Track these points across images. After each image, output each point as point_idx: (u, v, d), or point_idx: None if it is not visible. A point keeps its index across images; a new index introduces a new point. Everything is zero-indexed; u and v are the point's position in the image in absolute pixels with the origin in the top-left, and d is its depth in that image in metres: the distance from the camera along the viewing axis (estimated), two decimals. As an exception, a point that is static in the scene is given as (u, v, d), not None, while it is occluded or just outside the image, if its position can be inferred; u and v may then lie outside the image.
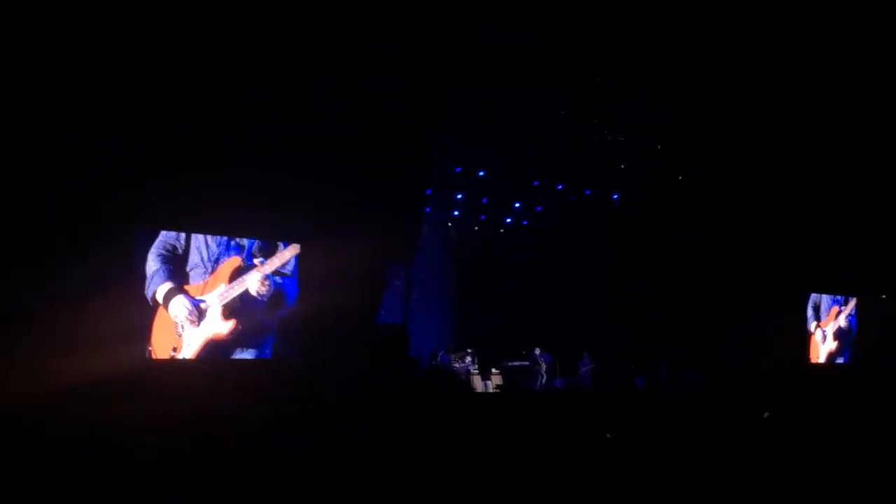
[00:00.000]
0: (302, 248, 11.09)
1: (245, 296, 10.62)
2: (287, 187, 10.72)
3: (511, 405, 12.23)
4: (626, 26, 11.84)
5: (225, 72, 9.83)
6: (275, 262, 10.90)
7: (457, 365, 17.42)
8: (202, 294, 10.29)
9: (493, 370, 17.39)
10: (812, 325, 16.64)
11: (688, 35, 12.00)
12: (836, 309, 17.01)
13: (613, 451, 8.85)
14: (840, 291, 16.89)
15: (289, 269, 11.06)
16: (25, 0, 8.38)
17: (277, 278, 10.89)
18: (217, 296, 10.39)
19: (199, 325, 10.21)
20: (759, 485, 7.57)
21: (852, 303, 17.27)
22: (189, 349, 10.16)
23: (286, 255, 11.02)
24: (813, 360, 16.53)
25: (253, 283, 10.63)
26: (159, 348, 9.91)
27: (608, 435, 9.40)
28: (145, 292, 9.79)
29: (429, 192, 16.83)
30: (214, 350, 10.34)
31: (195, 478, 7.03)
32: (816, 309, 16.72)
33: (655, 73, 13.23)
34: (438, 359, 17.25)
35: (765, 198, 15.55)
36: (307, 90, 10.65)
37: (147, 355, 9.78)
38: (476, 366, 17.63)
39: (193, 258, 10.24)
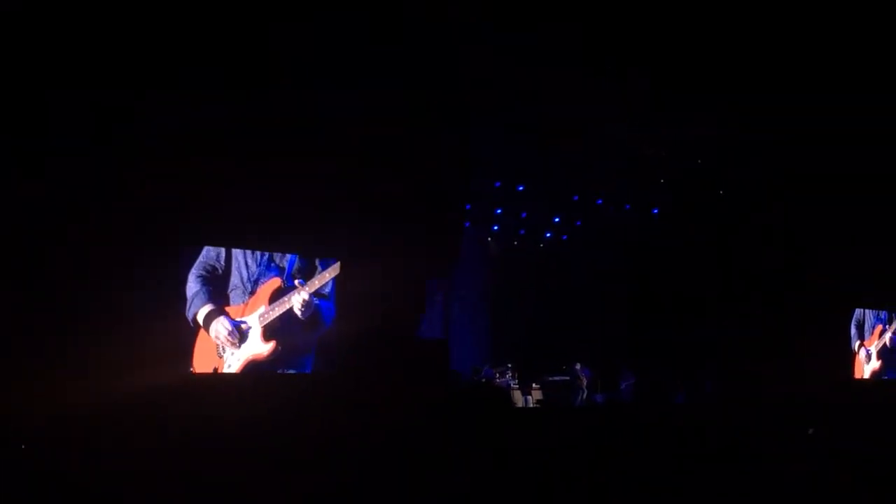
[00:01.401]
0: (342, 264, 11.15)
1: (285, 317, 10.69)
2: (327, 203, 10.81)
3: (552, 420, 12.20)
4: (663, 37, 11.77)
5: (268, 88, 9.96)
6: (315, 284, 10.97)
7: (498, 379, 17.40)
8: (242, 315, 10.38)
9: (534, 385, 17.33)
10: (856, 344, 16.38)
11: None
12: (879, 328, 16.75)
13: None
14: (884, 307, 16.62)
15: (327, 290, 11.13)
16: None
17: (316, 299, 10.96)
18: (258, 317, 10.47)
19: (239, 346, 10.29)
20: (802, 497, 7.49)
21: (896, 322, 17.01)
22: (230, 370, 10.25)
23: (326, 276, 11.09)
24: (857, 377, 16.27)
25: (297, 304, 10.70)
26: (200, 369, 10.02)
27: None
28: (186, 313, 9.90)
29: (468, 206, 16.87)
30: (255, 371, 10.45)
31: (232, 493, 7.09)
32: (860, 327, 16.47)
33: (698, 85, 13.13)
34: (483, 373, 17.22)
35: (806, 213, 15.37)
36: (348, 107, 10.75)
37: (189, 373, 9.93)
38: (516, 380, 17.59)
39: (234, 279, 10.32)
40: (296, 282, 10.78)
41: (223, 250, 10.28)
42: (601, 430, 10.37)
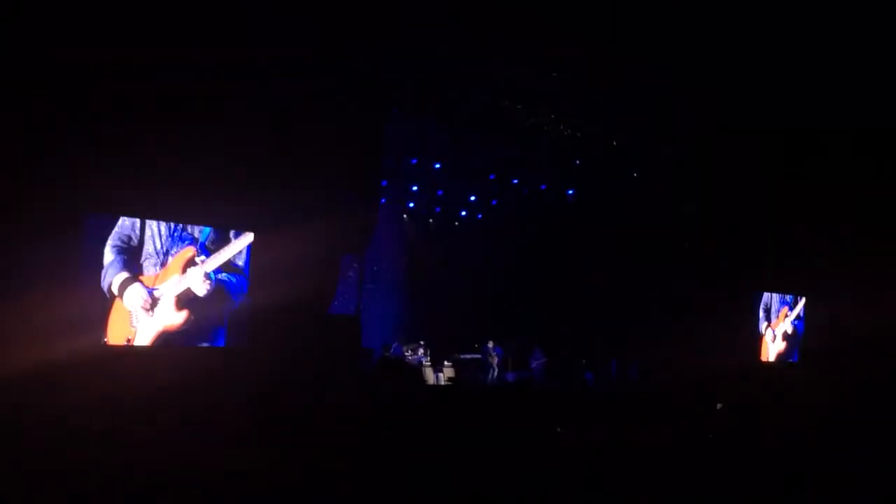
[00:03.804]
0: (255, 238, 10.97)
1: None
2: (240, 176, 10.61)
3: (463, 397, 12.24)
4: (586, 22, 11.83)
5: (183, 59, 9.70)
6: (222, 256, 10.79)
7: (409, 356, 17.39)
8: (155, 284, 10.19)
9: (446, 363, 17.38)
10: (763, 326, 16.86)
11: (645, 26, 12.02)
12: (785, 310, 17.26)
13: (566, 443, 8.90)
14: (790, 290, 17.12)
15: (241, 261, 10.93)
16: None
17: (223, 275, 10.76)
18: (171, 286, 10.28)
19: (152, 314, 10.09)
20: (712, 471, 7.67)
21: (800, 305, 17.54)
22: (143, 339, 10.09)
23: (234, 247, 10.91)
24: (763, 359, 16.75)
25: (194, 282, 10.51)
26: (114, 338, 9.85)
27: (558, 429, 9.44)
28: (101, 283, 9.71)
29: (384, 182, 16.75)
30: (168, 340, 10.28)
31: (149, 464, 6.91)
32: (767, 310, 16.94)
33: (613, 67, 13.26)
34: (392, 350, 17.20)
35: (717, 196, 15.71)
36: (262, 79, 10.57)
37: (102, 344, 9.70)
38: (428, 358, 17.60)
39: (147, 248, 10.15)
40: (198, 258, 10.58)
41: (138, 221, 10.05)
42: (512, 407, 10.43)
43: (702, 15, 11.46)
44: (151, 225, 10.18)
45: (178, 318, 10.34)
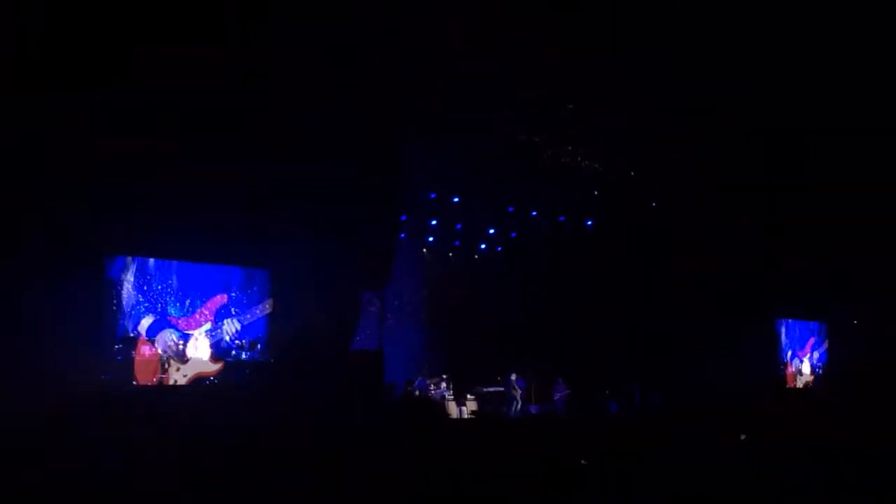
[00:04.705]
0: (274, 276, 11.06)
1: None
2: (260, 214, 10.68)
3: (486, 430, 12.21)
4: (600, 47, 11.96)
5: (200, 95, 9.80)
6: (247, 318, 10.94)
7: (432, 390, 17.35)
8: (189, 329, 10.28)
9: (469, 396, 17.33)
10: (788, 354, 16.77)
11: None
12: (812, 340, 17.18)
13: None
14: (811, 317, 17.04)
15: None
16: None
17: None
18: (205, 332, 10.42)
19: (185, 360, 10.15)
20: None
21: (824, 331, 17.46)
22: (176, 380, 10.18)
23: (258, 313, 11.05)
24: (790, 385, 16.64)
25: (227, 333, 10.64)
26: (143, 379, 9.87)
27: (583, 461, 9.39)
28: (124, 324, 9.72)
29: (403, 217, 16.83)
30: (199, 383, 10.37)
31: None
32: (792, 338, 16.86)
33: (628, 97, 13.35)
34: (416, 384, 17.15)
35: (736, 225, 15.69)
36: (280, 114, 10.65)
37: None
38: (451, 391, 17.57)
39: (174, 290, 10.20)
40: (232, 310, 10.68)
41: (156, 261, 10.12)
42: (536, 439, 10.41)
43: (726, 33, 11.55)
44: (175, 266, 10.24)
45: (213, 367, 10.44)
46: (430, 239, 20.27)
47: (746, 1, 11.46)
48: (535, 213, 19.21)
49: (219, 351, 10.35)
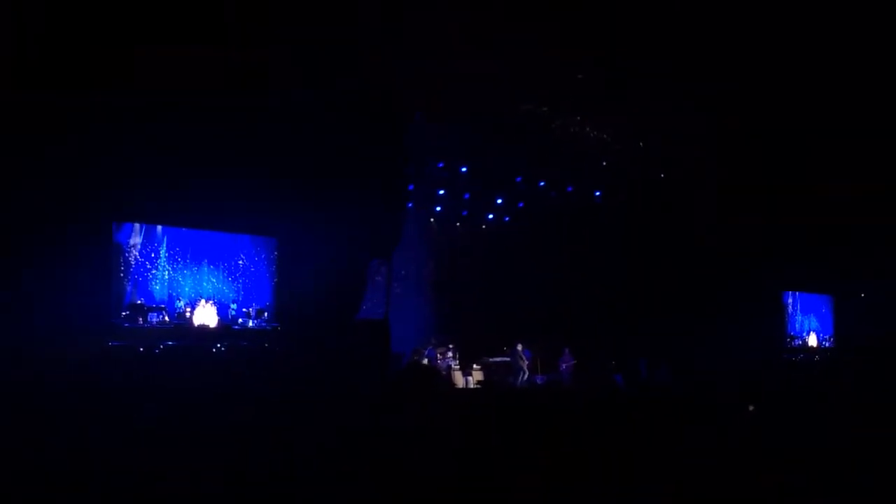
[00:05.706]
0: (281, 244, 11.08)
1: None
2: (267, 183, 10.69)
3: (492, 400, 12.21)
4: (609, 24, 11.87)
5: (208, 71, 9.80)
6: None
7: (439, 360, 17.39)
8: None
9: (475, 365, 17.37)
10: (795, 325, 16.78)
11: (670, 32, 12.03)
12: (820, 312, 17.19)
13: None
14: (817, 290, 17.02)
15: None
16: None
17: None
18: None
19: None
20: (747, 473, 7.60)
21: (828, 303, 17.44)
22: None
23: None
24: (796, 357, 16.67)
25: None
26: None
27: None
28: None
29: (411, 187, 16.80)
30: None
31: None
32: (796, 309, 16.85)
33: (640, 71, 13.26)
34: (425, 353, 17.19)
35: (743, 200, 15.63)
36: (285, 88, 10.64)
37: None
38: (457, 361, 17.61)
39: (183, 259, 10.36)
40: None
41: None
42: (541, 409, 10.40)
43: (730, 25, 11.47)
44: (181, 232, 10.28)
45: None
46: (438, 209, 20.24)
47: (746, 1, 11.37)
48: (542, 183, 19.14)
49: (225, 318, 10.40)
